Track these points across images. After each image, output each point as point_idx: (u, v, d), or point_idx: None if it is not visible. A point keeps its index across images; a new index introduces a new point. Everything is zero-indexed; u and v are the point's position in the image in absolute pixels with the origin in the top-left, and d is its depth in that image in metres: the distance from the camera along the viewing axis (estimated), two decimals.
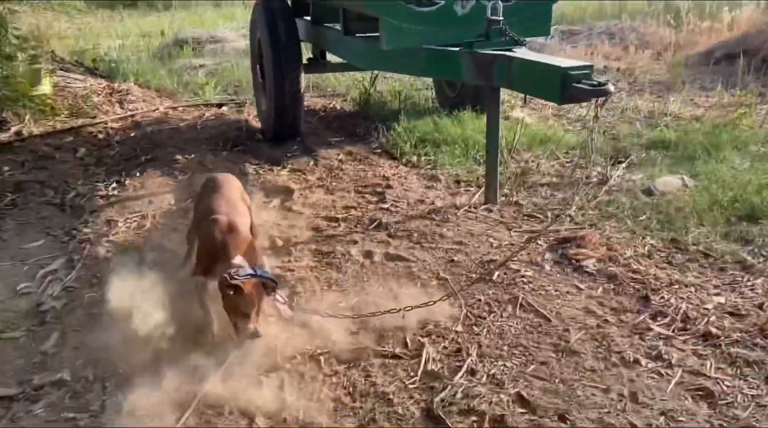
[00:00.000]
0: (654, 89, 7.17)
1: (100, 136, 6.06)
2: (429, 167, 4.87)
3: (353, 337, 2.74)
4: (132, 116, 6.73)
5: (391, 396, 2.38)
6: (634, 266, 3.23)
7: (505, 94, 6.58)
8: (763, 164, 4.37)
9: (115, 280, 3.20)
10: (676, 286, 3.04)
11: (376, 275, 3.27)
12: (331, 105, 7.00)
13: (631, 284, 3.09)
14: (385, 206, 4.16)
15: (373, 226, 3.87)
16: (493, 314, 2.86)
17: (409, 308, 2.74)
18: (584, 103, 6.54)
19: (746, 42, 8.16)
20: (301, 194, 4.45)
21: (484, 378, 2.45)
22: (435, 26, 4.07)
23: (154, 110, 6.95)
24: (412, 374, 2.50)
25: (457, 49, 3.86)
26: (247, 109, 6.96)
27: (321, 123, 6.33)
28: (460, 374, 2.47)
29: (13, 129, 6.16)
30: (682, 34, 9.57)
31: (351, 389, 2.43)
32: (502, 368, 2.51)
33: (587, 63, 3.20)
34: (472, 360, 2.55)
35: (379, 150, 5.33)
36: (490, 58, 3.62)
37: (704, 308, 2.83)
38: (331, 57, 6.19)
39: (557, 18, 12.52)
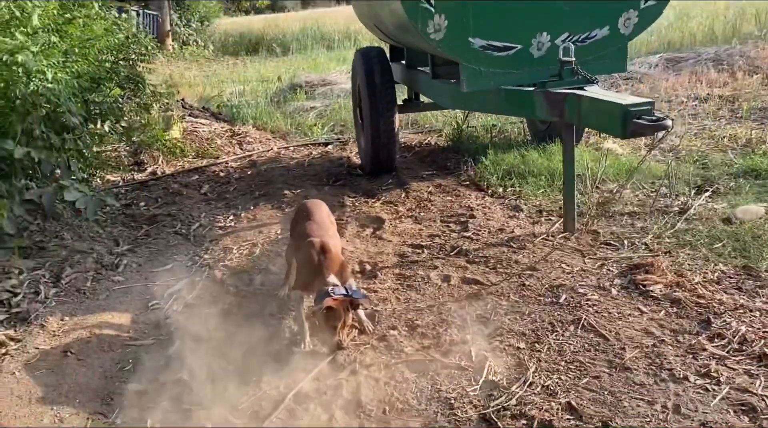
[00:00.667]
0: (757, 116, 7.01)
1: (222, 174, 6.84)
2: (513, 197, 5.14)
3: (424, 350, 3.08)
4: (249, 155, 7.51)
5: (453, 402, 2.69)
6: (701, 291, 3.34)
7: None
8: None
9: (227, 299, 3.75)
10: (741, 311, 3.13)
11: (452, 297, 3.60)
12: (426, 140, 7.43)
13: (695, 308, 3.22)
14: (467, 234, 4.48)
15: (453, 252, 4.20)
16: (555, 334, 3.10)
17: None
18: (678, 134, 6.59)
19: None
20: (391, 224, 4.87)
21: (538, 389, 2.71)
22: (512, 68, 4.41)
23: (269, 151, 7.70)
24: (474, 383, 2.80)
25: (532, 89, 4.17)
26: (350, 147, 7.54)
27: (415, 157, 6.77)
28: (517, 384, 2.74)
29: (149, 169, 7.09)
30: None
31: (419, 394, 2.77)
32: (556, 380, 2.75)
33: (648, 100, 3.41)
34: (530, 373, 2.81)
35: (467, 182, 5.67)
36: (562, 97, 3.90)
37: (764, 332, 2.92)
38: (423, 97, 6.65)
39: (664, 45, 12.38)
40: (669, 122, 3.21)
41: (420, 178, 5.97)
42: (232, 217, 5.41)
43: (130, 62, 5.88)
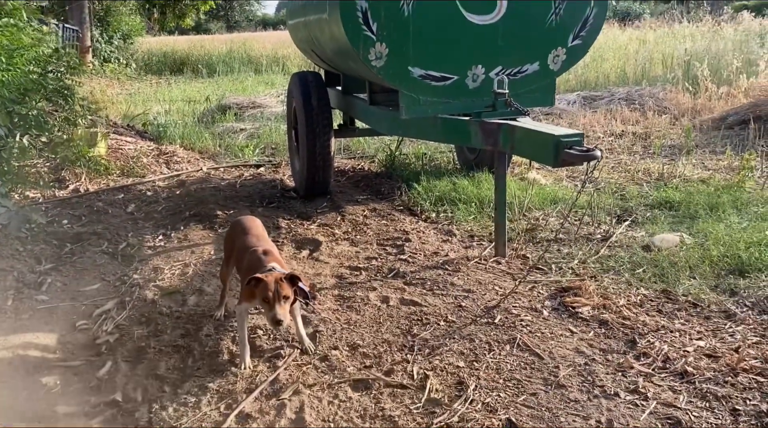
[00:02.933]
0: (667, 153, 7.53)
1: (149, 193, 6.66)
2: (446, 222, 5.28)
3: (366, 370, 3.11)
4: (178, 175, 7.35)
5: (397, 419, 2.73)
6: (626, 313, 3.55)
7: (514, 161, 7.04)
8: (759, 223, 4.67)
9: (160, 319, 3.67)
10: (663, 331, 3.35)
11: (391, 318, 3.65)
12: (360, 166, 7.52)
13: (621, 329, 3.41)
14: (404, 257, 4.57)
15: (391, 275, 4.27)
16: (492, 353, 3.20)
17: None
18: (597, 167, 6.97)
19: (759, 108, 8.52)
20: (328, 246, 4.89)
21: (479, 406, 2.79)
22: (449, 98, 4.58)
23: (198, 171, 7.57)
24: (416, 401, 2.85)
25: (467, 118, 4.34)
26: (283, 169, 7.52)
27: (349, 182, 6.84)
28: (458, 401, 2.81)
29: (71, 186, 6.82)
30: (700, 100, 9.97)
31: (363, 413, 2.79)
32: (496, 397, 2.84)
33: (578, 131, 3.62)
34: (470, 391, 2.89)
35: (401, 207, 5.78)
36: (496, 127, 4.08)
37: (685, 350, 3.14)
38: (359, 123, 6.76)
39: (581, 84, 13.11)
40: (598, 153, 3.43)
41: (355, 202, 6.03)
42: (161, 237, 5.27)
43: (59, 75, 5.66)
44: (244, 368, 3.14)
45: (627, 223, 4.97)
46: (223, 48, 24.86)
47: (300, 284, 3.05)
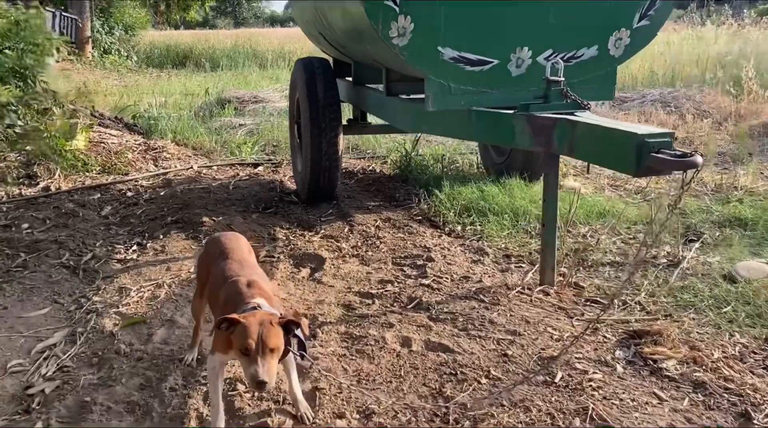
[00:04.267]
0: (718, 161, 6.65)
1: (129, 193, 5.81)
2: (475, 238, 4.42)
3: None
4: (164, 174, 6.50)
5: None
6: (725, 372, 2.68)
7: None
8: None
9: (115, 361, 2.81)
10: None
11: (415, 370, 2.78)
12: (371, 167, 6.66)
13: (724, 394, 2.54)
14: (426, 281, 3.71)
15: (412, 306, 3.41)
16: None
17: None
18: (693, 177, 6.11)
19: None
20: (333, 264, 4.03)
21: None
22: (486, 86, 3.71)
23: (188, 169, 6.72)
24: None
25: (511, 112, 3.47)
26: (283, 169, 6.68)
27: (359, 186, 5.98)
28: None
29: (42, 184, 5.97)
30: (743, 103, 9.08)
31: None
32: None
33: (667, 130, 2.76)
34: None
35: (419, 217, 4.92)
36: (550, 122, 3.22)
37: None
38: (372, 118, 5.90)
39: None
40: (699, 159, 2.56)
41: (365, 209, 5.17)
42: (135, 247, 4.42)
43: (19, 53, 4.82)
44: None
45: (697, 245, 4.08)
46: (228, 43, 24.08)
47: (297, 331, 2.19)
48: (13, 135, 6.79)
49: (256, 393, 2.60)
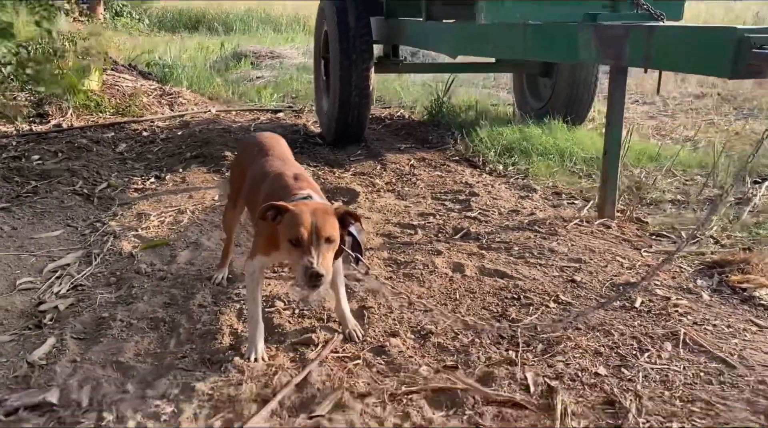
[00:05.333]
0: (766, 115, 6.26)
1: (145, 133, 5.49)
2: (519, 176, 4.08)
3: (449, 373, 1.94)
4: (181, 116, 6.18)
5: None
6: None
7: (596, 110, 5.82)
8: None
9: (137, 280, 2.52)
10: None
11: (472, 294, 2.47)
12: (399, 113, 6.32)
13: None
14: (472, 214, 3.38)
15: (459, 236, 3.09)
16: (647, 354, 2.02)
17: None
18: (689, 123, 5.76)
19: None
20: (368, 198, 3.72)
21: None
22: None
23: (206, 112, 6.39)
24: None
25: (574, 23, 3.12)
26: (305, 116, 6.34)
27: (387, 130, 5.64)
28: None
29: (53, 122, 5.67)
30: None
31: None
32: None
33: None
34: (631, 418, 1.71)
35: (456, 157, 4.58)
36: (622, 32, 2.86)
37: None
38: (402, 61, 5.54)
39: None
40: None
41: (397, 150, 4.84)
42: (153, 179, 4.12)
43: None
44: (255, 359, 1.98)
45: (767, 184, 3.74)
46: (242, 7, 23.61)
47: (352, 228, 1.88)
48: (23, 75, 6.51)
49: (301, 307, 2.29)
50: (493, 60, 5.40)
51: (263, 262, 2.01)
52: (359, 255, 1.98)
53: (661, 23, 2.84)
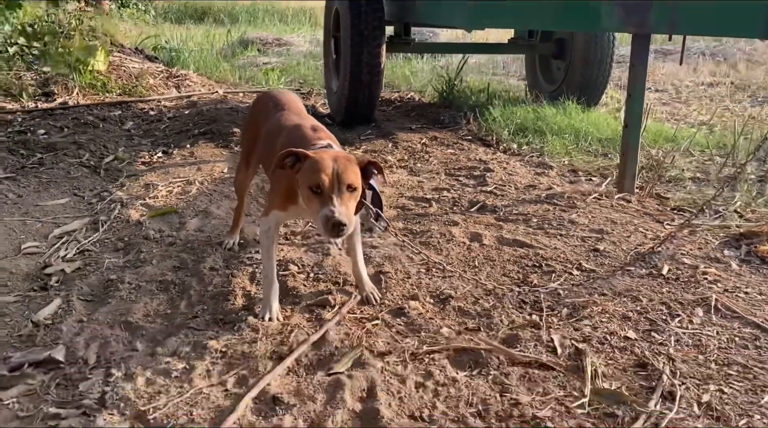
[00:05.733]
0: None
1: (152, 112, 5.42)
2: (534, 154, 4.00)
3: (471, 334, 1.86)
4: (188, 96, 6.10)
5: (550, 425, 1.48)
6: None
7: (609, 95, 5.73)
8: None
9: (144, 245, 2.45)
10: None
11: (491, 261, 2.39)
12: (409, 96, 6.23)
13: None
14: (487, 189, 3.30)
15: (475, 208, 3.01)
16: (678, 319, 1.94)
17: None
18: (703, 109, 5.66)
19: None
20: None
21: (695, 407, 1.53)
22: None
23: (213, 93, 6.31)
24: (573, 393, 1.60)
25: None
26: (314, 98, 6.26)
27: (397, 112, 5.55)
28: (654, 399, 1.56)
29: (60, 100, 5.59)
30: None
31: (481, 408, 1.54)
32: (718, 395, 1.58)
33: None
34: (665, 380, 1.63)
35: (469, 137, 4.50)
36: None
37: None
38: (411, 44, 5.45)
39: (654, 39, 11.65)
40: None
41: (408, 130, 4.75)
42: (161, 154, 4.04)
43: None
44: (270, 318, 1.90)
45: None
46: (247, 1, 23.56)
47: (373, 181, 1.80)
48: (30, 55, 6.44)
49: (314, 270, 2.21)
50: (505, 41, 5.31)
51: (279, 218, 1.93)
52: (379, 211, 1.90)
53: None
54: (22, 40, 6.32)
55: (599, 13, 2.98)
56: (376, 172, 1.79)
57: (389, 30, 5.55)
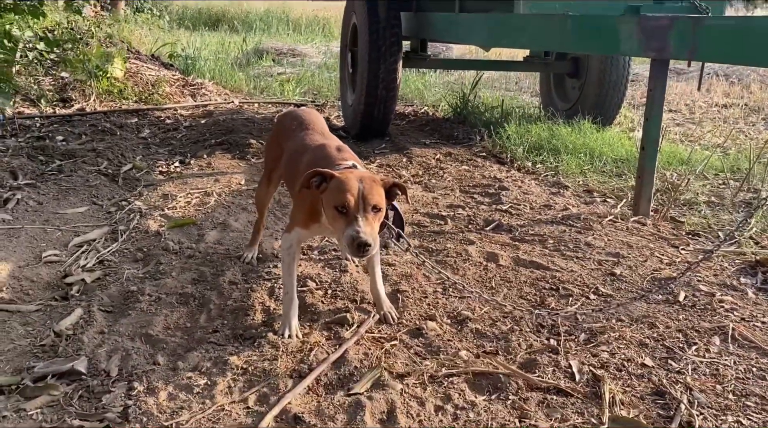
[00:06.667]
0: None
1: (168, 121, 5.47)
2: (549, 174, 4.01)
3: (490, 357, 1.87)
4: (205, 106, 6.16)
5: None
6: None
7: (622, 115, 5.74)
8: None
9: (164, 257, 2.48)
10: None
11: (508, 282, 2.41)
12: (423, 110, 6.27)
13: None
14: (503, 207, 3.32)
15: (490, 228, 3.03)
16: (695, 347, 1.95)
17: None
18: (717, 131, 5.67)
19: None
20: None
21: None
22: None
23: (229, 103, 6.36)
24: (592, 420, 1.61)
25: (616, 15, 3.06)
26: (328, 110, 6.29)
27: (411, 126, 5.58)
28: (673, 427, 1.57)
29: (77, 106, 5.66)
30: None
31: None
32: (736, 427, 1.59)
33: None
34: (683, 409, 1.64)
35: (483, 153, 4.52)
36: (667, 23, 2.80)
37: None
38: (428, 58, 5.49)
39: None
40: None
41: (422, 145, 4.78)
42: (178, 164, 4.08)
43: None
44: (289, 335, 1.92)
45: None
46: (262, 7, 23.72)
47: (396, 202, 1.82)
48: (48, 60, 6.52)
49: (333, 287, 2.23)
50: (520, 58, 5.33)
51: (301, 235, 1.95)
52: (401, 231, 1.92)
53: (707, 16, 2.77)
54: (41, 46, 6.39)
55: (619, 37, 3.00)
56: (399, 193, 1.81)
57: (405, 45, 5.60)
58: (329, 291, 2.26)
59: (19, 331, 2.04)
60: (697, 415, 1.62)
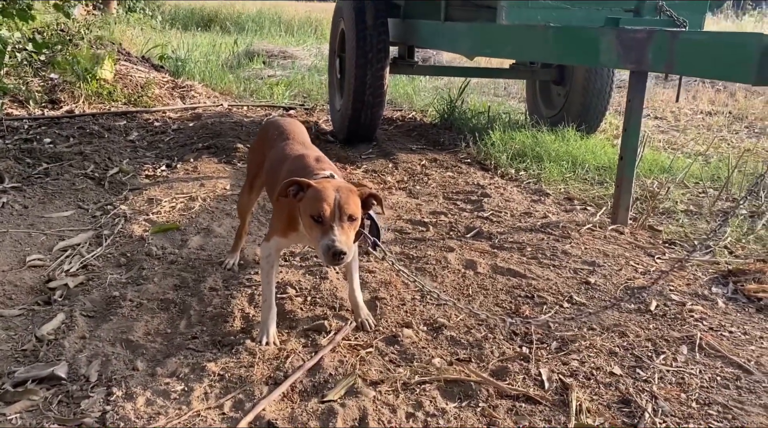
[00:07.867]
0: None
1: (157, 123, 5.49)
2: (531, 181, 4.07)
3: (462, 365, 1.92)
4: (193, 108, 6.18)
5: None
6: None
7: (607, 121, 5.81)
8: None
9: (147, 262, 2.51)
10: None
11: (485, 290, 2.46)
12: (410, 116, 6.32)
13: None
14: (484, 214, 3.37)
15: (471, 235, 3.08)
16: (662, 356, 2.00)
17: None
18: (700, 139, 5.75)
19: None
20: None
21: None
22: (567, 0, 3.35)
23: (218, 106, 6.39)
24: (558, 427, 1.66)
25: (596, 27, 3.11)
26: (317, 114, 6.33)
27: (398, 131, 5.63)
28: None
29: (65, 108, 5.67)
30: None
31: None
32: None
33: None
34: (647, 417, 1.69)
35: (468, 160, 4.57)
36: (644, 36, 2.85)
37: None
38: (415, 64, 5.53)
39: None
40: None
41: (408, 150, 4.83)
42: (164, 167, 4.11)
43: None
44: (267, 342, 1.96)
45: None
46: (254, 8, 23.73)
47: (372, 212, 1.87)
48: (37, 61, 6.52)
49: (312, 294, 2.27)
50: (506, 66, 5.39)
51: (280, 244, 1.99)
52: (377, 240, 1.96)
53: (684, 30, 2.83)
54: (30, 47, 6.40)
55: (598, 49, 3.06)
56: (375, 203, 1.86)
57: (393, 51, 5.65)
58: (308, 298, 2.30)
59: (1, 336, 2.07)
60: (660, 423, 1.67)
